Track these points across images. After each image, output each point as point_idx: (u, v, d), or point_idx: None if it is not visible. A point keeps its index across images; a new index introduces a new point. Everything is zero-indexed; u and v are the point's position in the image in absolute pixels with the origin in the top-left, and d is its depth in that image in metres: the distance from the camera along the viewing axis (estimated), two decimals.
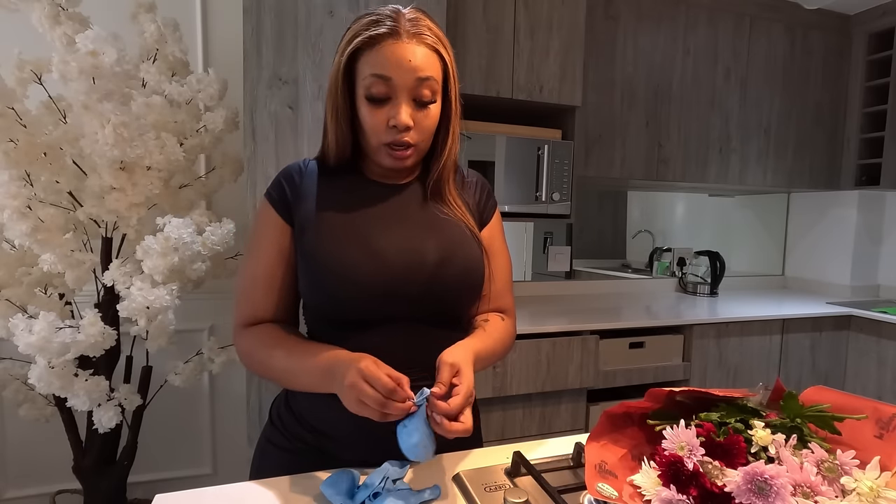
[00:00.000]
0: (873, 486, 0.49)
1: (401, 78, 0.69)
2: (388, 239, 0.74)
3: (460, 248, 0.77)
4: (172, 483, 1.91)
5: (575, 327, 1.79)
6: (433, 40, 0.72)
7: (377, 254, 0.72)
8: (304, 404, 0.77)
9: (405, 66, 0.69)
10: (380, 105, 0.71)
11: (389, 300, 0.72)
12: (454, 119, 0.78)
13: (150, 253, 1.29)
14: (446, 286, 0.75)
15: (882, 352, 2.19)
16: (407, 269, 0.73)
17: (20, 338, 1.21)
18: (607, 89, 2.14)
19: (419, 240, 0.75)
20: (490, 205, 0.89)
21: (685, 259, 2.64)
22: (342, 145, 0.77)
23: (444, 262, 0.74)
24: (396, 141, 0.72)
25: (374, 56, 0.69)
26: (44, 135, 1.31)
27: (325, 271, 0.72)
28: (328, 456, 0.75)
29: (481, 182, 0.89)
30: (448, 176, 0.81)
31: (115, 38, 1.23)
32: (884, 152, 2.40)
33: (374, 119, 0.72)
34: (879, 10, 2.43)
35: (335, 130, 0.76)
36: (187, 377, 1.58)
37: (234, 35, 1.77)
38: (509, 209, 1.88)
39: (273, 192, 0.79)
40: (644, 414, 0.65)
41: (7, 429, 1.73)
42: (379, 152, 0.75)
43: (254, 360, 0.76)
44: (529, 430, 1.77)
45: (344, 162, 0.79)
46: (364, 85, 0.71)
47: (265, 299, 0.77)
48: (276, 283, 0.77)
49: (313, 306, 0.77)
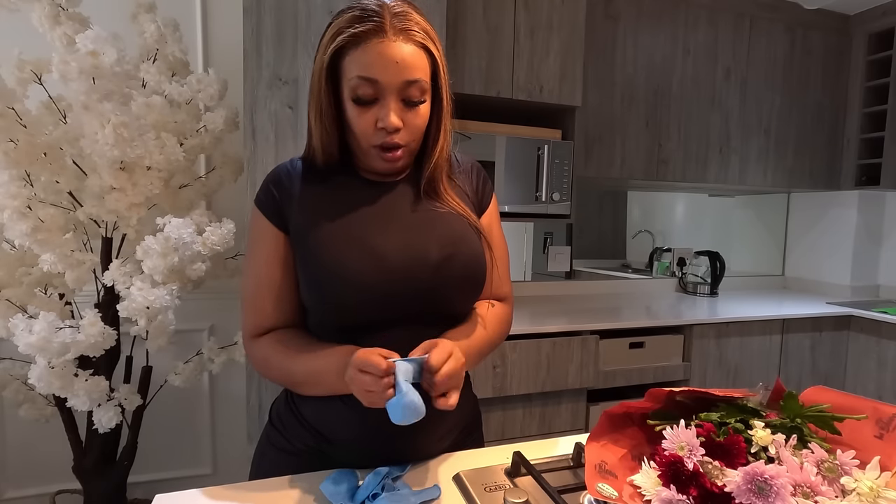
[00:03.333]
0: (873, 486, 0.49)
1: (388, 79, 0.66)
2: (388, 240, 0.72)
3: (462, 244, 0.75)
4: (172, 483, 1.91)
5: (575, 327, 1.79)
6: (421, 36, 0.68)
7: (378, 256, 0.71)
8: (307, 407, 0.76)
9: (392, 67, 0.66)
10: (367, 106, 0.68)
11: (393, 302, 0.71)
12: (445, 115, 0.75)
13: (150, 253, 1.29)
14: (450, 284, 0.74)
15: (882, 352, 2.19)
16: (409, 270, 0.71)
17: (20, 338, 1.21)
18: (607, 89, 2.14)
19: (420, 239, 0.73)
20: (488, 189, 0.86)
21: (685, 259, 2.64)
22: (328, 147, 0.75)
23: (446, 259, 0.73)
24: (386, 143, 0.70)
25: (360, 56, 0.66)
26: (44, 135, 1.31)
27: (327, 277, 0.70)
28: (329, 458, 0.74)
29: (476, 166, 0.87)
30: (441, 174, 0.78)
31: (115, 38, 1.23)
32: (884, 152, 2.40)
33: (362, 121, 0.69)
34: (879, 10, 2.43)
35: (320, 132, 0.73)
36: (187, 377, 1.58)
37: (234, 35, 1.78)
38: (509, 209, 1.88)
39: (263, 199, 0.76)
40: (644, 414, 0.65)
41: (7, 429, 1.73)
42: (369, 154, 0.73)
43: (271, 368, 0.75)
44: (529, 430, 1.77)
45: (333, 162, 0.76)
46: (350, 86, 0.68)
47: (271, 308, 0.76)
48: (279, 292, 0.75)
49: (315, 311, 0.75)
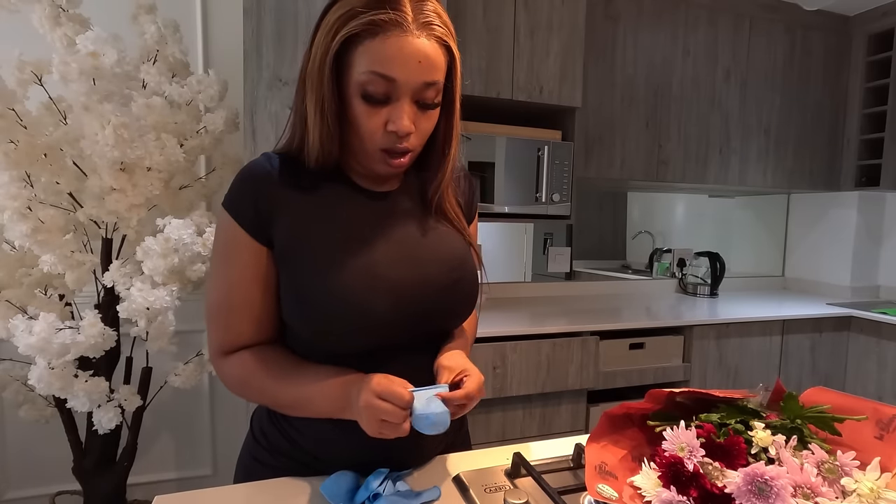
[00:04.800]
0: (873, 487, 0.49)
1: (407, 79, 0.59)
2: (394, 264, 0.66)
3: (465, 266, 0.72)
4: (172, 484, 1.91)
5: (575, 328, 1.79)
6: (443, 31, 0.61)
7: (387, 283, 0.65)
8: (294, 423, 0.70)
9: (413, 66, 0.58)
10: (377, 105, 0.61)
11: (395, 329, 0.66)
12: (456, 120, 0.68)
13: (151, 254, 1.29)
14: (454, 308, 0.71)
15: (882, 352, 2.19)
16: (416, 297, 0.66)
17: (20, 339, 1.21)
18: (607, 90, 2.14)
19: (426, 262, 0.68)
20: (476, 200, 0.83)
21: (685, 260, 2.64)
22: (328, 146, 0.65)
23: (454, 283, 0.69)
24: (395, 148, 0.63)
25: (377, 48, 0.57)
26: (44, 136, 1.31)
27: (328, 305, 0.63)
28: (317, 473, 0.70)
29: (467, 175, 0.82)
30: (448, 186, 0.72)
31: (115, 39, 1.23)
32: (884, 153, 2.40)
33: (371, 121, 0.61)
34: (879, 11, 2.43)
35: (321, 128, 0.63)
36: (187, 378, 1.58)
37: (234, 36, 1.78)
38: (509, 210, 1.88)
39: (240, 205, 0.65)
40: (644, 415, 0.65)
41: (7, 430, 1.73)
42: (373, 157, 0.65)
43: (250, 390, 0.68)
44: (529, 430, 1.77)
45: (330, 162, 0.67)
46: (359, 80, 0.59)
47: (247, 329, 0.68)
48: (258, 313, 0.68)
49: (301, 334, 0.68)
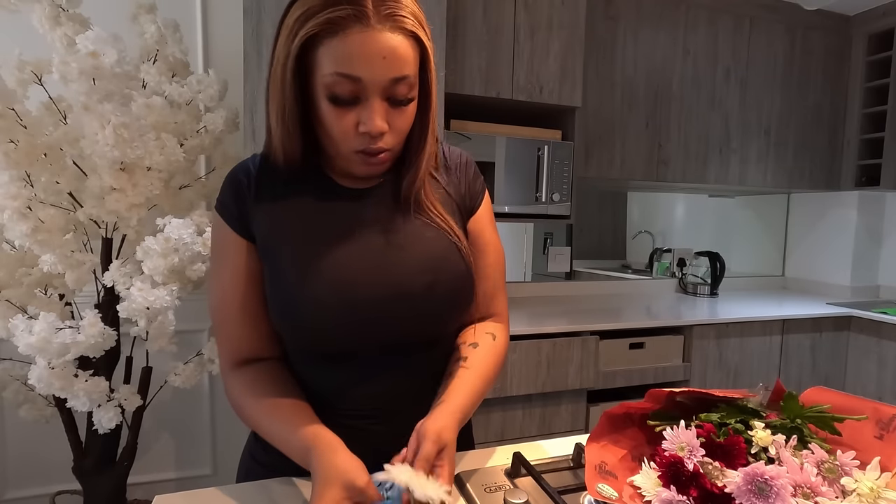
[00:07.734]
0: (873, 486, 0.49)
1: (372, 77, 0.56)
2: (361, 269, 0.64)
3: (444, 267, 0.67)
4: (172, 484, 1.91)
5: (575, 328, 1.79)
6: (411, 22, 0.57)
7: (350, 286, 0.63)
8: None
9: (377, 62, 0.55)
10: (346, 107, 0.58)
11: (369, 330, 0.65)
12: (432, 115, 0.66)
13: (151, 253, 1.29)
14: (432, 311, 0.67)
15: (882, 352, 2.19)
16: (383, 303, 0.64)
17: (20, 338, 1.21)
18: (607, 90, 2.14)
19: (397, 266, 0.65)
20: (477, 187, 0.76)
21: (685, 260, 2.64)
22: (289, 151, 0.64)
23: (427, 289, 0.66)
24: (370, 149, 0.60)
25: (337, 47, 0.54)
26: (44, 136, 1.31)
27: (296, 302, 0.62)
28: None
29: (465, 160, 0.76)
30: (424, 182, 0.69)
31: (115, 38, 1.23)
32: (884, 153, 2.40)
33: (341, 124, 0.59)
34: (879, 11, 2.43)
35: (281, 134, 0.62)
36: (187, 378, 1.57)
37: (234, 35, 1.78)
38: (509, 210, 1.88)
39: (226, 204, 0.67)
40: (644, 415, 0.65)
41: (7, 429, 1.73)
42: (350, 160, 0.63)
43: (244, 415, 0.67)
44: (529, 430, 1.77)
45: (295, 165, 0.66)
46: (324, 83, 0.56)
47: (244, 333, 0.68)
48: (251, 311, 0.67)
49: (287, 336, 0.68)
